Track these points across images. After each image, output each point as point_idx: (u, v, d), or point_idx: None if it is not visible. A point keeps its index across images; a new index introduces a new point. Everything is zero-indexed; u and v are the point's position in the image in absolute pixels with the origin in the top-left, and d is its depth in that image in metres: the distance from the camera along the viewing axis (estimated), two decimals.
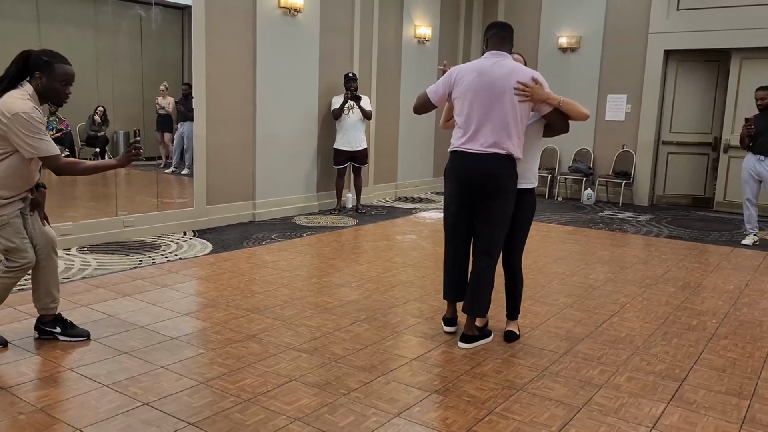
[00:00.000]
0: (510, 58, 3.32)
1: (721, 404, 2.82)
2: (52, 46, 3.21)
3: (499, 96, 3.20)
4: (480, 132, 3.24)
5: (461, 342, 3.40)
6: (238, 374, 2.95)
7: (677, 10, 8.73)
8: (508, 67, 3.26)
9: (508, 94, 3.19)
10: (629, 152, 9.25)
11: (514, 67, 3.26)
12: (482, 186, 3.27)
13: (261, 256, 5.31)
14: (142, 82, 7.60)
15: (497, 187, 3.25)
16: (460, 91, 3.31)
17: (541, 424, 2.58)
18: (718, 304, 4.36)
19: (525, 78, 3.20)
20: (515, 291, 3.54)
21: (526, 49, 9.83)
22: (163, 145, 7.84)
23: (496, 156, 3.22)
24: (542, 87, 3.22)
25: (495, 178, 3.24)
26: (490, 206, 3.29)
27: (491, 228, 3.32)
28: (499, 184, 3.25)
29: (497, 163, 3.23)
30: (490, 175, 3.24)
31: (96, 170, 3.51)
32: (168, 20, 7.49)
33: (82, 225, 5.44)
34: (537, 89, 3.19)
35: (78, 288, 4.19)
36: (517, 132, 3.24)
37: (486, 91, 3.23)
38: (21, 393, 2.69)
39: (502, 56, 3.31)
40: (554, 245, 6.19)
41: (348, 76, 7.41)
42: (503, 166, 3.24)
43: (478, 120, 3.24)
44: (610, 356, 3.35)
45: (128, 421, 2.48)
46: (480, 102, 3.24)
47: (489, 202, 3.28)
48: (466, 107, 3.28)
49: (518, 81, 3.19)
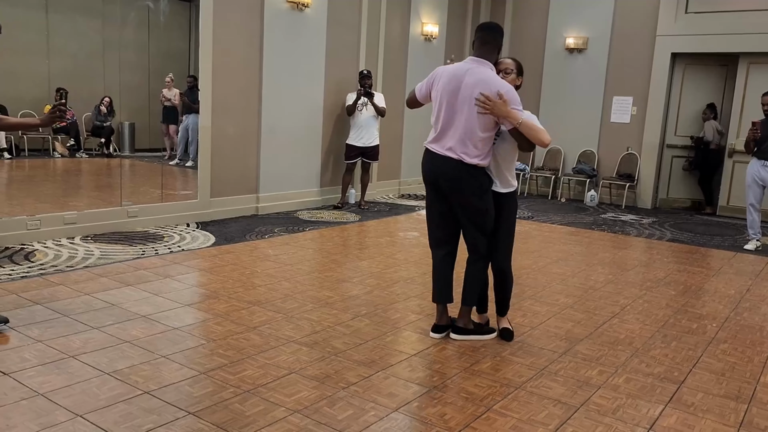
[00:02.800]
0: (488, 66, 3.27)
1: (719, 407, 2.83)
2: (60, 34, 3.24)
3: (462, 104, 3.23)
4: (444, 134, 3.30)
5: (452, 332, 3.47)
6: (239, 365, 2.97)
7: (685, 13, 8.71)
8: (479, 76, 3.21)
9: (469, 104, 3.20)
10: (634, 155, 9.24)
11: (486, 77, 3.21)
12: (445, 186, 3.34)
13: (263, 250, 5.33)
14: (148, 73, 7.62)
15: (458, 188, 3.30)
16: (435, 91, 3.38)
17: (538, 422, 2.59)
18: (719, 308, 4.37)
19: (490, 91, 3.15)
20: (502, 287, 3.55)
21: (532, 48, 9.86)
22: (168, 136, 7.85)
23: (453, 161, 3.26)
24: (505, 103, 3.15)
25: (453, 180, 3.29)
26: (460, 203, 3.35)
27: (469, 223, 3.38)
28: (458, 186, 3.29)
29: (453, 166, 3.27)
30: (447, 177, 3.30)
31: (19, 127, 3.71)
32: (176, 12, 7.51)
33: (87, 214, 5.46)
34: (498, 105, 3.14)
35: (81, 277, 4.22)
36: (476, 142, 3.23)
37: (453, 96, 3.26)
38: (23, 379, 2.71)
39: (479, 63, 3.27)
40: (556, 246, 6.20)
41: (362, 73, 7.47)
42: (460, 170, 3.26)
43: (444, 123, 3.30)
44: (609, 357, 3.36)
45: (129, 408, 2.50)
46: (447, 105, 3.28)
47: (458, 199, 3.34)
48: (437, 108, 3.35)
49: (481, 93, 3.16)
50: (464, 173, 3.26)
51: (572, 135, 9.69)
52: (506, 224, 3.43)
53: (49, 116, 3.18)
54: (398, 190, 9.22)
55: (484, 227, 3.39)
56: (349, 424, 2.49)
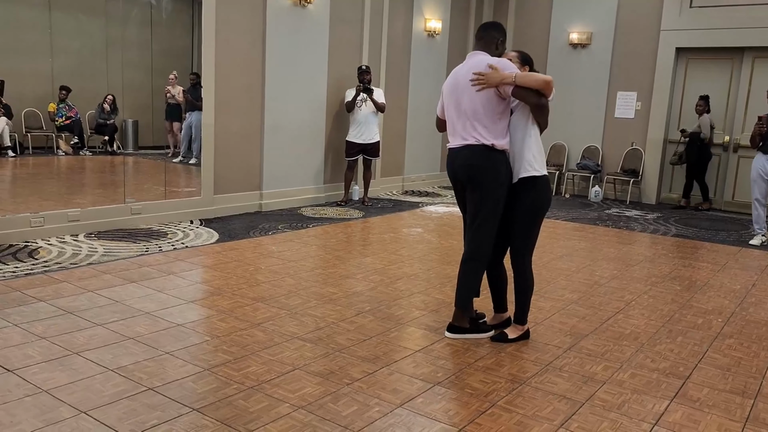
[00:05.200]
0: (482, 55, 3.29)
1: (724, 402, 2.81)
2: (63, 32, 3.24)
3: (463, 91, 3.29)
4: (456, 128, 3.35)
5: (446, 331, 3.47)
6: (243, 362, 2.96)
7: (690, 7, 8.66)
8: (472, 62, 3.29)
9: (468, 87, 3.25)
10: (638, 150, 9.21)
11: (477, 61, 3.27)
12: (462, 179, 3.35)
13: (267, 246, 5.32)
14: (151, 70, 7.62)
15: (473, 179, 3.28)
16: (443, 98, 3.47)
17: (543, 417, 2.58)
18: (725, 303, 4.34)
19: (480, 67, 3.20)
20: (515, 289, 3.42)
21: (536, 44, 9.82)
22: (171, 134, 7.86)
23: (469, 147, 3.27)
24: (497, 71, 3.16)
25: (470, 169, 3.28)
26: (471, 200, 3.34)
27: (473, 222, 3.34)
28: (474, 175, 3.27)
29: (471, 154, 3.26)
30: (465, 167, 3.30)
31: None
32: (178, 9, 7.50)
33: (90, 211, 5.47)
34: (490, 74, 3.16)
35: (85, 273, 4.22)
36: (486, 121, 3.22)
37: (455, 90, 3.34)
38: (27, 375, 2.71)
39: (474, 55, 3.34)
40: (560, 242, 6.17)
41: (361, 69, 7.40)
42: (477, 157, 3.24)
43: (453, 118, 3.36)
44: (614, 353, 3.34)
45: (132, 405, 2.50)
46: (453, 101, 3.35)
47: (471, 195, 3.33)
48: (447, 109, 3.42)
49: (473, 72, 3.21)
50: (484, 157, 3.22)
51: (576, 130, 9.66)
52: (524, 217, 3.28)
53: None
54: (402, 187, 9.20)
55: (483, 229, 3.29)
56: (354, 419, 2.49)
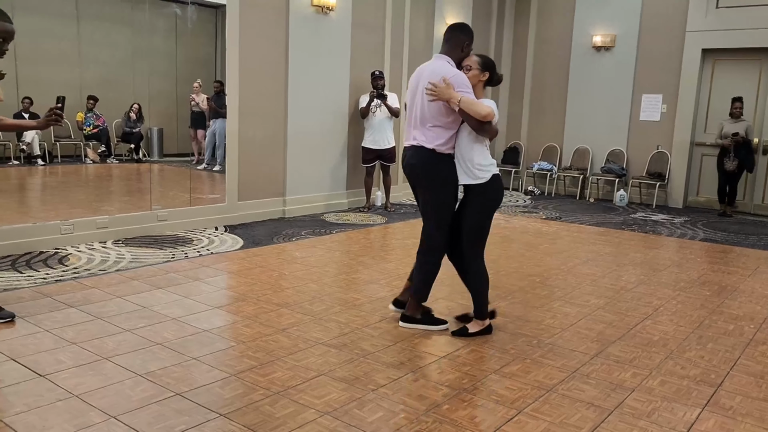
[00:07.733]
0: (444, 60, 3.43)
1: (758, 411, 2.74)
2: (91, 43, 3.33)
3: (419, 95, 3.44)
4: (409, 128, 3.55)
5: (400, 321, 3.63)
6: (268, 367, 2.98)
7: (716, 8, 8.52)
8: (431, 68, 3.44)
9: (422, 94, 3.41)
10: (664, 153, 9.07)
11: (436, 68, 3.40)
12: (409, 173, 3.55)
13: (291, 252, 5.35)
14: (176, 79, 7.74)
15: (417, 178, 3.51)
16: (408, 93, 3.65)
17: (571, 425, 2.55)
18: (756, 309, 4.25)
19: (436, 79, 3.31)
20: (471, 285, 3.57)
21: (558, 47, 9.76)
22: (195, 141, 7.96)
23: (414, 148, 3.47)
24: (449, 87, 3.28)
25: (413, 168, 3.50)
26: (419, 196, 3.58)
27: (423, 217, 3.57)
28: (417, 174, 3.50)
29: (414, 154, 3.46)
30: (409, 166, 3.52)
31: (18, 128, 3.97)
32: (202, 18, 7.60)
33: (118, 218, 5.56)
34: (442, 90, 3.27)
35: (113, 280, 4.29)
36: (431, 128, 3.39)
37: (414, 91, 3.50)
38: (59, 380, 2.76)
39: (437, 58, 3.48)
40: (585, 246, 6.10)
41: (374, 74, 7.38)
42: (419, 157, 3.44)
43: (409, 117, 3.55)
44: (642, 359, 3.29)
45: (161, 410, 2.53)
46: (411, 102, 3.53)
47: (419, 192, 3.56)
48: (408, 107, 3.62)
49: (429, 81, 3.33)
50: (424, 159, 3.42)
51: (600, 134, 9.56)
52: (471, 219, 3.42)
53: (45, 120, 3.39)
54: None
55: (431, 223, 3.50)
56: (380, 426, 2.48)
